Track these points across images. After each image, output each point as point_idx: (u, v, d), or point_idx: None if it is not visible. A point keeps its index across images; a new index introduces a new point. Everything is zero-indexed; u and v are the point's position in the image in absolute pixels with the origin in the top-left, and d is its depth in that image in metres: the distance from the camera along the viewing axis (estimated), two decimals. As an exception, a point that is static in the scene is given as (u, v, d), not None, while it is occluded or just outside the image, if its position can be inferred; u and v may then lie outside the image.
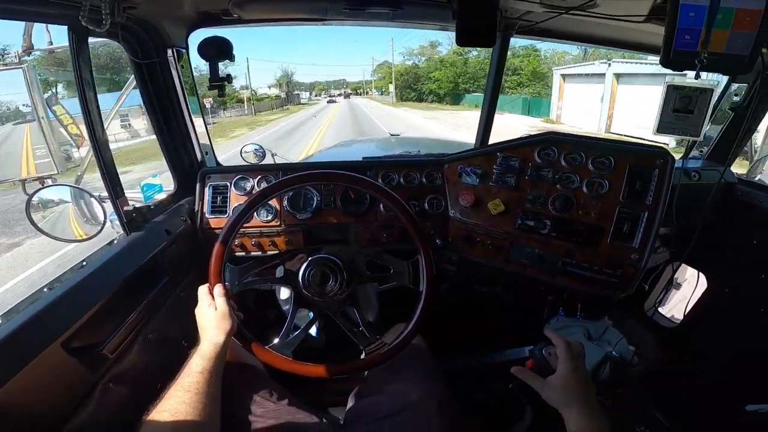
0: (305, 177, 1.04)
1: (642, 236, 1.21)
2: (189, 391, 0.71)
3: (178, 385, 0.72)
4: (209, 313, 0.86)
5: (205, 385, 0.73)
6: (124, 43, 1.17)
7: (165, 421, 0.65)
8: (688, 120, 0.99)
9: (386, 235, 1.39)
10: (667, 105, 0.99)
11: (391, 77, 52.79)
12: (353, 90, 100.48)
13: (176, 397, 0.69)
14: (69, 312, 0.83)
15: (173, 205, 1.37)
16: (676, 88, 0.98)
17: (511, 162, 1.36)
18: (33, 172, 1.31)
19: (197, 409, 0.69)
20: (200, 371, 0.75)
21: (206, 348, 0.80)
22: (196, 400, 0.70)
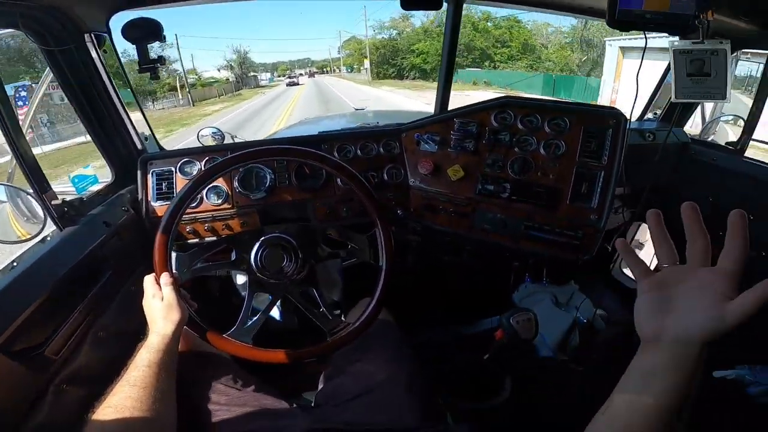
0: (251, 154, 0.98)
1: (599, 196, 1.22)
2: (135, 386, 0.67)
3: (123, 380, 0.68)
4: (155, 303, 0.82)
5: (153, 378, 0.69)
6: (27, 30, 1.05)
7: (110, 419, 0.61)
8: (708, 83, 0.98)
9: (346, 208, 1.35)
10: (680, 70, 0.98)
11: (364, 52, 47.24)
12: (319, 69, 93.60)
13: (121, 393, 0.65)
14: (3, 315, 0.77)
15: (111, 195, 1.27)
16: (682, 51, 0.97)
17: (469, 127, 1.34)
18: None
19: (145, 404, 0.65)
20: (147, 365, 0.71)
21: (153, 340, 0.76)
22: (144, 395, 0.66)
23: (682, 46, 0.99)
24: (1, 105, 0.94)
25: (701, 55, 0.97)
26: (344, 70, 63.22)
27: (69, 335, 0.91)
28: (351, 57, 58.89)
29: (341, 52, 70.99)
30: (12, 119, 0.97)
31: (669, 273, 0.46)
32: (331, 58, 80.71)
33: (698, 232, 0.44)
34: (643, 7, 0.84)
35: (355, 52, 55.08)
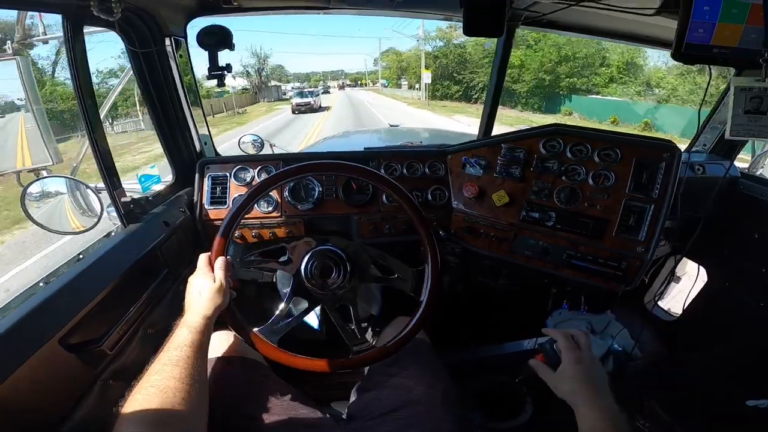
0: (308, 167, 1.01)
1: (648, 229, 1.21)
2: (177, 365, 0.67)
3: (164, 359, 0.68)
4: (205, 283, 0.82)
5: (193, 358, 0.69)
6: (120, 33, 1.14)
7: (153, 397, 0.62)
8: (761, 121, 0.97)
9: (389, 226, 1.38)
10: (738, 107, 0.97)
11: (404, 64, 41.96)
12: (353, 81, 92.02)
13: (163, 372, 0.66)
14: (66, 307, 0.80)
15: (171, 196, 1.34)
16: (744, 89, 0.96)
17: (516, 153, 1.34)
18: (28, 163, 1.28)
19: (186, 384, 0.65)
20: (189, 345, 0.71)
21: (194, 320, 0.76)
22: (185, 375, 0.66)
23: (745, 84, 0.98)
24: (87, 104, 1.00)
25: (761, 93, 0.96)
26: (380, 84, 57.80)
27: (124, 331, 0.94)
28: (388, 70, 53.03)
29: (378, 64, 64.86)
30: (96, 119, 1.04)
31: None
32: (366, 71, 76.01)
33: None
34: (712, 42, 0.82)
35: (392, 65, 50.21)
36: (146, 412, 0.60)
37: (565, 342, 0.76)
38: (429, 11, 1.44)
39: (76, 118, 12.23)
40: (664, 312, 1.89)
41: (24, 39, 1.13)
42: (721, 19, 0.80)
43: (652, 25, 1.19)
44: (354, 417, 0.97)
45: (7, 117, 1.36)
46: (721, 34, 0.81)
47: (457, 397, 0.95)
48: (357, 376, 1.10)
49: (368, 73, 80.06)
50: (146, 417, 0.59)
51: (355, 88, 69.04)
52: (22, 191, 1.18)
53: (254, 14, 1.37)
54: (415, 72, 36.55)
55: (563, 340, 0.76)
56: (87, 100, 1.00)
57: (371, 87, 64.93)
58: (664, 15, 1.00)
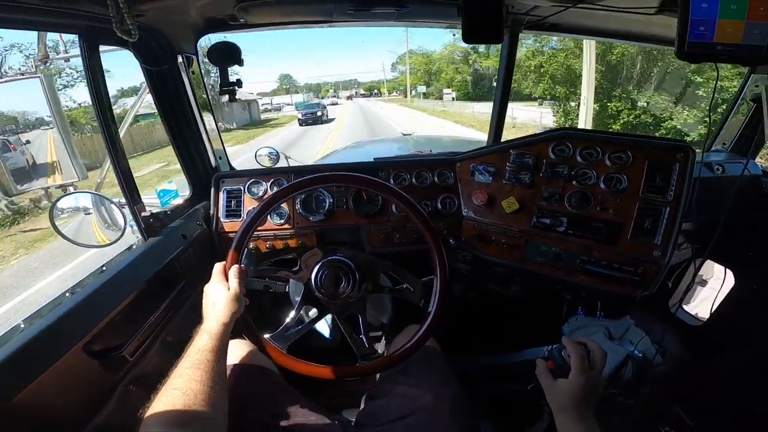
0: (316, 180, 1.03)
1: (664, 232, 1.18)
2: (198, 369, 0.70)
3: (186, 363, 0.71)
4: (221, 291, 0.85)
5: (214, 362, 0.72)
6: (134, 51, 1.19)
7: (176, 399, 0.64)
8: None
9: (399, 235, 1.39)
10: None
11: (431, 67, 37.79)
12: (367, 90, 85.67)
13: (185, 375, 0.68)
14: (89, 316, 0.85)
15: (189, 209, 1.39)
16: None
17: (525, 159, 1.34)
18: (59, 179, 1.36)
19: (207, 386, 0.67)
20: (209, 349, 0.74)
21: (213, 326, 0.79)
22: (207, 378, 0.69)
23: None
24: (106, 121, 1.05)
25: None
26: (415, 92, 43.54)
27: (144, 339, 0.98)
28: (413, 75, 45.42)
29: (396, 69, 58.51)
30: (115, 135, 1.09)
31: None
32: (385, 79, 67.84)
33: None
34: (714, 39, 0.81)
35: (419, 68, 43.82)
36: (170, 414, 0.62)
37: (579, 361, 0.75)
38: (430, 20, 1.45)
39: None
40: (689, 316, 1.83)
41: (45, 57, 1.19)
42: (721, 16, 0.79)
43: (656, 24, 1.17)
44: (362, 424, 0.98)
45: (36, 133, 1.43)
46: (723, 31, 0.79)
47: (465, 405, 0.95)
48: (367, 383, 1.11)
49: (386, 80, 71.74)
50: (170, 418, 0.62)
51: (370, 99, 62.02)
52: (51, 206, 1.25)
53: (261, 30, 1.41)
54: (450, 77, 32.66)
55: (577, 359, 0.76)
56: (106, 117, 1.05)
57: (391, 97, 55.72)
58: (667, 14, 0.98)
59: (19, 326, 0.79)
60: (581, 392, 0.73)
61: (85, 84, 1.02)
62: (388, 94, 57.29)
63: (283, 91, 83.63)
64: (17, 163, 1.32)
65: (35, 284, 5.24)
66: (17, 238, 7.26)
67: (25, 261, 6.21)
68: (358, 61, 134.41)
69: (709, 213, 1.21)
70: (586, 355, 0.77)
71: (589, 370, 0.75)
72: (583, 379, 0.74)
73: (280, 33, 41.17)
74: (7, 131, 1.73)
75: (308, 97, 56.64)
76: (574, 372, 0.75)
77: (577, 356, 0.76)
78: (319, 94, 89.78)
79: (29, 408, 0.69)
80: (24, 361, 0.70)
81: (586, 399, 0.73)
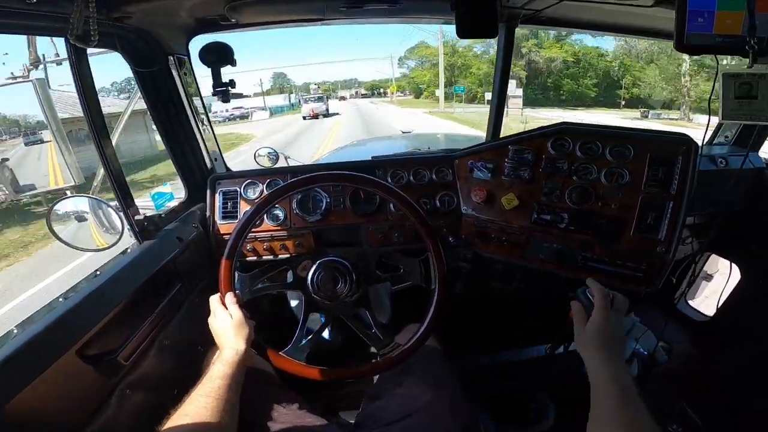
0: (309, 179, 1.02)
1: (668, 227, 1.15)
2: (209, 396, 0.71)
3: (199, 390, 0.73)
4: (225, 321, 0.87)
5: (225, 391, 0.73)
6: (123, 53, 1.17)
7: (185, 425, 0.65)
8: (753, 105, 0.97)
9: (398, 234, 1.37)
10: (728, 93, 0.96)
11: (467, 60, 28.65)
12: (369, 89, 76.38)
13: (197, 402, 0.70)
14: (84, 320, 0.84)
15: (184, 212, 1.38)
16: (732, 76, 0.96)
17: (524, 155, 1.31)
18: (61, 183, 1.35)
19: (217, 415, 0.69)
20: (221, 377, 0.75)
21: (228, 355, 0.81)
22: (216, 406, 0.70)
23: (733, 71, 0.97)
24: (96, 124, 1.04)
25: (749, 79, 0.95)
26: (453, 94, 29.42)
27: (140, 342, 0.97)
28: (426, 71, 36.56)
29: (404, 65, 46.80)
30: (105, 138, 1.08)
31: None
32: (393, 78, 52.95)
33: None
34: (714, 31, 0.80)
35: (429, 62, 34.79)
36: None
37: (602, 298, 0.76)
38: (423, 16, 1.44)
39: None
40: (695, 312, 1.81)
41: (36, 61, 1.18)
42: (720, 7, 0.78)
43: (654, 16, 1.16)
44: (361, 425, 0.97)
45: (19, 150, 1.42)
46: (722, 22, 0.78)
47: (465, 405, 0.95)
48: (367, 384, 1.10)
49: (394, 80, 55.18)
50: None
51: (373, 100, 52.70)
52: (48, 211, 1.24)
53: (253, 30, 1.40)
54: (475, 74, 24.99)
55: (600, 296, 0.77)
56: (95, 120, 1.04)
57: (399, 98, 43.67)
58: (664, 6, 0.97)
59: (12, 332, 0.78)
60: (605, 329, 0.73)
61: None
62: (392, 95, 45.58)
63: (277, 91, 79.15)
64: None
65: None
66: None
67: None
68: (360, 57, 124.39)
69: (713, 207, 1.19)
70: (608, 294, 0.78)
71: (612, 309, 0.76)
72: (605, 313, 0.74)
73: (275, 37, 42.48)
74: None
75: (287, 99, 51.21)
76: (598, 307, 0.76)
77: (601, 294, 0.77)
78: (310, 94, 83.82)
79: (23, 414, 0.68)
80: (16, 367, 0.69)
81: (611, 339, 0.73)
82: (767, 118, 0.97)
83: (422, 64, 38.35)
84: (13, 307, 4.59)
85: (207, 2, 1.15)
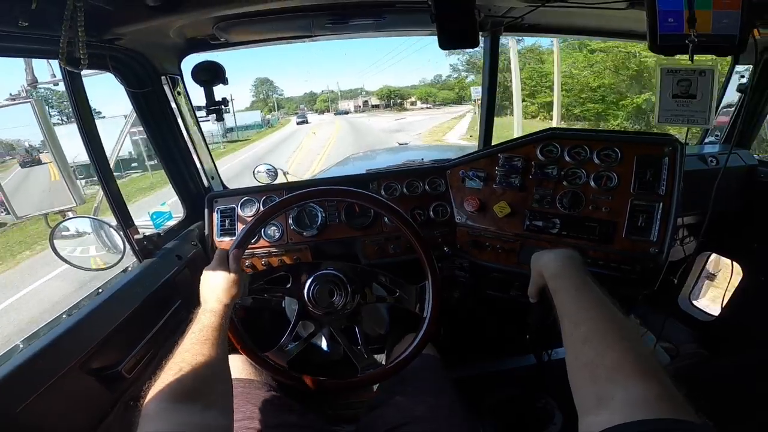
0: (304, 195, 1.04)
1: (659, 228, 1.15)
2: (204, 344, 0.71)
3: (191, 339, 0.73)
4: (222, 273, 0.88)
5: (217, 338, 0.74)
6: (116, 74, 1.20)
7: (185, 372, 0.65)
8: (692, 106, 0.93)
9: (393, 246, 1.38)
10: (665, 91, 0.94)
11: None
12: (384, 98, 58.53)
13: (192, 350, 0.70)
14: (87, 335, 0.87)
15: (183, 230, 1.40)
16: (670, 71, 0.93)
17: (514, 162, 1.33)
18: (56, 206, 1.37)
19: (214, 360, 0.69)
20: (213, 326, 0.76)
21: (213, 305, 0.82)
22: (213, 352, 0.71)
23: (670, 65, 0.94)
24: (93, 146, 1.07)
25: (688, 75, 0.93)
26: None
27: (142, 356, 0.99)
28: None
29: (461, 57, 31.24)
30: (103, 160, 1.11)
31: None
32: (424, 87, 45.85)
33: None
34: (684, 30, 0.80)
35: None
36: (179, 385, 0.63)
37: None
38: (407, 29, 1.47)
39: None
40: (699, 311, 1.79)
41: (34, 82, 1.20)
42: (688, 6, 0.78)
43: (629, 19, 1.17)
44: None
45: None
46: (692, 20, 0.79)
47: (464, 413, 0.94)
48: (366, 394, 1.11)
49: (427, 93, 47.42)
50: (179, 389, 0.63)
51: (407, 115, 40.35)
52: (50, 232, 1.27)
53: (243, 48, 1.43)
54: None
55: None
56: (92, 141, 1.07)
57: (426, 108, 38.03)
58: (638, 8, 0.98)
59: (17, 346, 0.81)
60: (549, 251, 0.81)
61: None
62: (419, 104, 39.27)
63: (261, 104, 66.27)
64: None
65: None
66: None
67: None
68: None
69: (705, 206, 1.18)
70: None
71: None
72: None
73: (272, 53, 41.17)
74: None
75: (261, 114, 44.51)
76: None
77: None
78: (304, 107, 72.42)
79: (28, 424, 0.70)
80: (22, 379, 0.72)
81: (564, 261, 0.77)
82: (705, 120, 0.94)
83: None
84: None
85: (196, 22, 1.18)
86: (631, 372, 0.49)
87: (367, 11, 1.22)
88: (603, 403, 0.48)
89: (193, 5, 1.00)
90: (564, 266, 0.74)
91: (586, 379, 0.53)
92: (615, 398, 0.47)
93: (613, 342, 0.54)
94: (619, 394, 0.47)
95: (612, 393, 0.48)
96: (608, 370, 0.51)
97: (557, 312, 0.66)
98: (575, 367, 0.56)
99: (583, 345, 0.56)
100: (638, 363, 0.50)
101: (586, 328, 0.58)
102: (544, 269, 0.77)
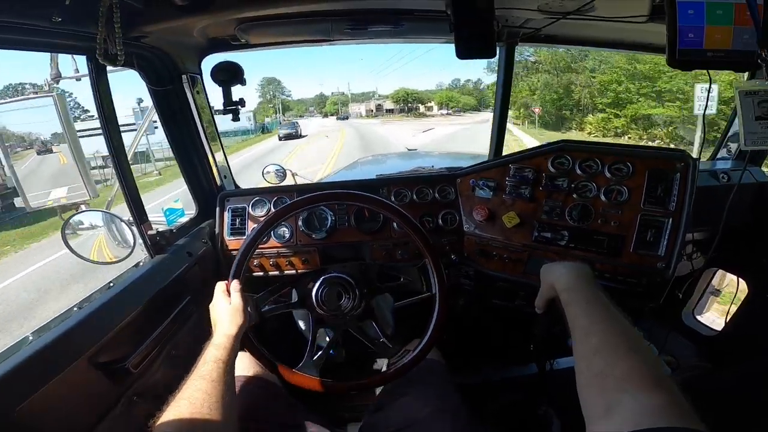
0: (315, 198, 1.05)
1: (667, 244, 1.16)
2: (205, 379, 0.72)
3: (195, 375, 0.74)
4: (223, 307, 0.89)
5: (221, 373, 0.75)
6: (140, 71, 1.22)
7: (183, 409, 0.67)
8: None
9: (401, 252, 1.39)
10: (747, 113, 0.93)
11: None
12: (399, 101, 51.82)
13: (193, 387, 0.71)
14: (96, 329, 0.87)
15: (195, 228, 1.41)
16: (749, 93, 0.92)
17: (525, 173, 1.34)
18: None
19: (214, 397, 0.70)
20: (214, 360, 0.77)
21: (219, 339, 0.83)
22: (212, 388, 0.71)
23: (747, 87, 0.93)
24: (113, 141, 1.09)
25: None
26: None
27: (149, 351, 1.00)
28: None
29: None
30: (122, 155, 1.13)
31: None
32: (462, 83, 41.03)
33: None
34: (704, 46, 0.81)
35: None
36: (178, 423, 0.65)
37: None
38: (425, 37, 1.49)
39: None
40: (703, 326, 1.79)
41: (57, 77, 1.23)
42: (709, 22, 0.79)
43: (649, 32, 1.18)
44: None
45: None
46: (711, 37, 0.80)
47: (467, 418, 0.95)
48: (371, 396, 1.11)
49: (451, 99, 42.03)
50: (178, 427, 0.64)
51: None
52: (63, 224, 1.29)
53: (263, 49, 1.45)
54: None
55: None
56: (113, 137, 1.08)
57: (446, 115, 34.08)
58: (658, 22, 0.98)
59: (27, 338, 0.83)
60: (561, 264, 0.82)
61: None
62: (437, 110, 36.20)
63: (265, 105, 62.85)
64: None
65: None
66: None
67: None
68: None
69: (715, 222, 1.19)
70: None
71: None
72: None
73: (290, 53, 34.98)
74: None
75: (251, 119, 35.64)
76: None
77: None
78: (312, 109, 69.46)
79: (35, 416, 0.71)
80: (30, 371, 0.73)
81: (576, 274, 0.78)
82: None
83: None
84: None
85: (219, 23, 1.20)
86: (640, 382, 0.50)
87: (386, 18, 1.24)
88: (612, 411, 0.48)
89: (218, 6, 1.03)
90: (577, 280, 0.75)
91: (596, 389, 0.54)
92: (624, 407, 0.48)
93: (624, 353, 0.55)
94: (628, 403, 0.48)
95: (621, 402, 0.48)
96: (618, 380, 0.51)
97: (569, 324, 0.68)
98: (585, 377, 0.57)
99: (594, 356, 0.57)
100: (648, 373, 0.51)
101: (598, 340, 0.59)
102: (556, 282, 0.77)
